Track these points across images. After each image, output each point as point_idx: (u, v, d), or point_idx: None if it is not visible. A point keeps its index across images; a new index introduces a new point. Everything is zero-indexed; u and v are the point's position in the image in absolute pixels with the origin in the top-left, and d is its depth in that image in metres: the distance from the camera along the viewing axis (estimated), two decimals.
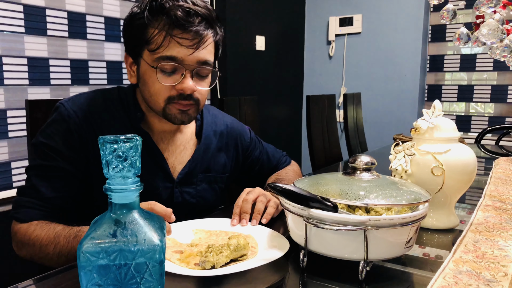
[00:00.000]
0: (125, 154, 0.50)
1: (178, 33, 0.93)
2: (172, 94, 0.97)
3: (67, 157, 0.95)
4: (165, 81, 0.96)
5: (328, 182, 0.82)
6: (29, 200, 0.93)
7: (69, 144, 0.95)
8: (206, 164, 1.15)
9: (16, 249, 0.94)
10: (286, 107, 3.74)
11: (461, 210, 1.17)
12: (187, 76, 0.96)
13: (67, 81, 2.05)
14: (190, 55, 0.95)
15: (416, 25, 3.33)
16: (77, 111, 0.98)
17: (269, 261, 0.75)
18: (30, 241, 0.89)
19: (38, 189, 0.93)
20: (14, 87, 1.84)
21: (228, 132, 1.22)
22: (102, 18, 2.17)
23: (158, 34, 0.93)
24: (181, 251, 0.81)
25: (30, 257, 0.91)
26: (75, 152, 0.96)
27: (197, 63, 0.96)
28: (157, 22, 0.94)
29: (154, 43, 0.94)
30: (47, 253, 0.86)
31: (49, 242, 0.86)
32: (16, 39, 1.83)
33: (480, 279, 0.69)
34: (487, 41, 1.21)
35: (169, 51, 0.93)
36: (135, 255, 0.49)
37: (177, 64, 0.94)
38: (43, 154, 0.95)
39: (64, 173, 0.95)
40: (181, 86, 0.96)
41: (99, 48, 2.18)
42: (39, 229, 0.89)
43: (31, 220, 0.91)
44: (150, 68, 0.95)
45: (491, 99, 3.22)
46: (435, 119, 0.96)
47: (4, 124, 1.83)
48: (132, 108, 1.03)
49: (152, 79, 0.96)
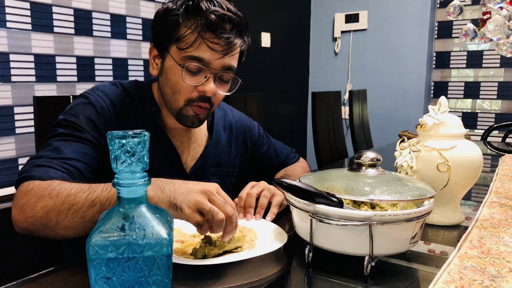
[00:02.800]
0: (133, 149, 0.51)
1: (210, 37, 0.94)
2: (193, 96, 0.98)
3: (91, 134, 0.94)
4: (189, 81, 0.97)
5: (333, 178, 0.82)
6: (47, 160, 0.85)
7: (94, 125, 0.95)
8: (217, 159, 1.17)
9: (23, 208, 0.78)
10: (291, 104, 3.73)
11: (467, 207, 1.17)
12: (210, 79, 0.97)
13: (73, 77, 2.06)
14: (217, 59, 0.96)
15: (422, 21, 3.32)
16: (105, 98, 0.99)
17: (262, 254, 0.76)
18: (53, 192, 0.77)
19: (59, 149, 0.88)
20: (21, 83, 1.86)
21: (237, 127, 1.24)
22: (108, 15, 2.18)
23: (191, 34, 0.94)
24: (182, 241, 0.84)
25: (45, 212, 0.76)
26: (99, 134, 0.95)
27: (221, 68, 0.98)
28: (191, 22, 0.95)
29: (184, 42, 0.95)
30: (76, 202, 0.76)
31: (80, 191, 0.77)
32: (23, 36, 1.85)
33: (485, 275, 0.69)
34: (494, 37, 1.21)
35: (198, 52, 0.94)
36: (143, 249, 0.50)
37: (203, 66, 0.96)
38: (68, 127, 0.92)
39: (89, 143, 0.93)
40: (203, 88, 0.97)
41: (105, 45, 2.19)
42: (66, 184, 0.79)
43: (50, 179, 0.80)
44: (177, 65, 0.96)
45: (498, 96, 3.20)
46: (441, 116, 0.96)
47: (11, 120, 1.84)
48: (148, 103, 1.05)
49: (176, 76, 0.97)
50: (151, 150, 0.75)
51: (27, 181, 0.81)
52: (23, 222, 0.78)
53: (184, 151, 1.10)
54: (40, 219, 0.77)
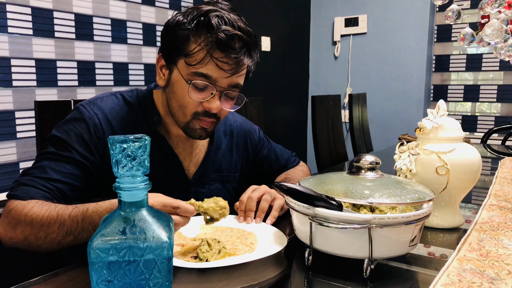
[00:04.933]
0: (134, 153, 0.52)
1: (219, 55, 0.94)
2: (198, 110, 0.98)
3: (80, 153, 0.95)
4: (195, 97, 0.97)
5: (333, 181, 0.82)
6: (31, 178, 0.90)
7: (84, 143, 0.96)
8: (218, 164, 1.17)
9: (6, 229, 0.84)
10: (291, 108, 3.74)
11: (467, 210, 1.17)
12: (216, 96, 0.97)
13: (74, 82, 2.07)
14: (225, 78, 0.96)
15: (421, 25, 3.33)
16: (99, 113, 0.99)
17: (262, 257, 0.77)
18: (27, 218, 0.82)
19: (44, 169, 0.91)
20: (22, 88, 1.86)
21: (238, 132, 1.24)
22: (108, 20, 2.19)
23: (200, 51, 0.94)
24: (183, 244, 0.84)
25: (24, 237, 0.83)
26: (89, 152, 0.96)
27: (228, 86, 0.98)
28: (201, 38, 0.94)
29: (193, 58, 0.95)
30: (50, 232, 0.81)
31: (51, 221, 0.81)
32: (24, 41, 1.86)
33: (484, 277, 0.70)
34: (491, 41, 1.21)
35: (206, 70, 0.94)
36: (144, 252, 0.51)
37: (210, 83, 0.96)
38: (57, 144, 0.95)
39: (75, 163, 0.94)
40: (209, 105, 0.97)
41: (106, 49, 2.20)
42: (39, 206, 0.84)
43: (30, 199, 0.86)
44: (183, 80, 0.96)
45: (497, 99, 3.21)
46: (440, 119, 0.96)
47: (13, 125, 1.85)
48: (150, 112, 1.05)
49: (182, 91, 0.97)
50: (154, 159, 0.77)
51: (10, 200, 0.87)
52: (8, 241, 0.85)
53: (186, 158, 1.11)
54: (21, 242, 0.84)
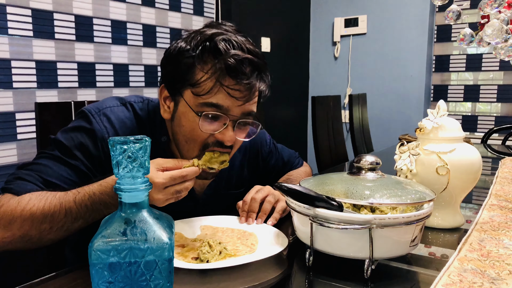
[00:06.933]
0: (135, 154, 0.52)
1: (230, 83, 0.85)
2: (209, 141, 0.90)
3: (85, 164, 0.90)
4: (206, 129, 0.88)
5: (333, 182, 0.82)
6: (30, 173, 0.84)
7: (90, 156, 0.90)
8: (230, 182, 1.13)
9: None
10: (292, 108, 3.74)
11: (467, 210, 1.17)
12: (229, 126, 0.88)
13: (74, 83, 2.07)
14: (238, 106, 0.88)
15: (421, 25, 3.33)
16: (108, 127, 0.93)
17: (263, 258, 0.77)
18: (25, 213, 0.77)
19: (45, 168, 0.86)
20: (22, 90, 1.87)
21: (251, 145, 1.18)
22: (108, 21, 2.20)
23: (208, 79, 0.86)
24: (183, 245, 0.84)
25: (23, 233, 0.78)
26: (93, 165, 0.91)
27: (241, 114, 0.90)
28: (208, 66, 0.86)
29: (201, 88, 0.86)
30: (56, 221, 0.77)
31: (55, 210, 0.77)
32: (24, 42, 1.86)
33: (485, 277, 0.70)
34: (491, 41, 1.22)
35: (216, 99, 0.86)
36: (144, 253, 0.51)
37: (222, 113, 0.87)
38: (62, 150, 0.89)
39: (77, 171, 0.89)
40: (222, 137, 0.89)
41: (106, 51, 2.20)
42: (36, 198, 0.79)
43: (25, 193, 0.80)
44: (192, 112, 0.88)
45: (498, 99, 3.21)
46: (440, 119, 0.96)
47: (13, 126, 1.85)
48: (159, 130, 0.98)
49: (191, 124, 0.89)
50: None
51: (4, 194, 0.82)
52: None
53: None
54: (18, 240, 0.78)
